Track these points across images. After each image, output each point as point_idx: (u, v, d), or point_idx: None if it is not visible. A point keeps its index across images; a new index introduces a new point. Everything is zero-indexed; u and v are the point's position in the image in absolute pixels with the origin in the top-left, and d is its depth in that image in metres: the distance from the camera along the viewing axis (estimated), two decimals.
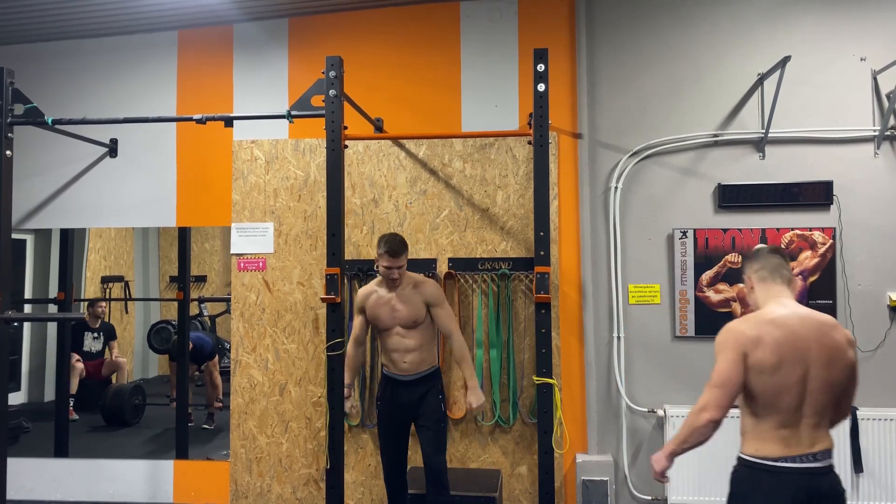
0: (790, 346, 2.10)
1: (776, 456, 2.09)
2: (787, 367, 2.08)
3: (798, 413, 2.10)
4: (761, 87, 4.05)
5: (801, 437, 2.10)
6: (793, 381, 2.09)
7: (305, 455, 4.18)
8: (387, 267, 3.29)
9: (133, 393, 6.04)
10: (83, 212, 4.51)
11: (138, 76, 4.50)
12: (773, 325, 2.13)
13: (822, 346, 2.12)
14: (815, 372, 2.10)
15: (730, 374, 2.11)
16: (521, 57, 4.19)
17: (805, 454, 2.09)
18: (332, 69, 3.36)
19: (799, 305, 2.24)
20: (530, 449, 4.01)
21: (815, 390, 2.10)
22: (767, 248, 2.35)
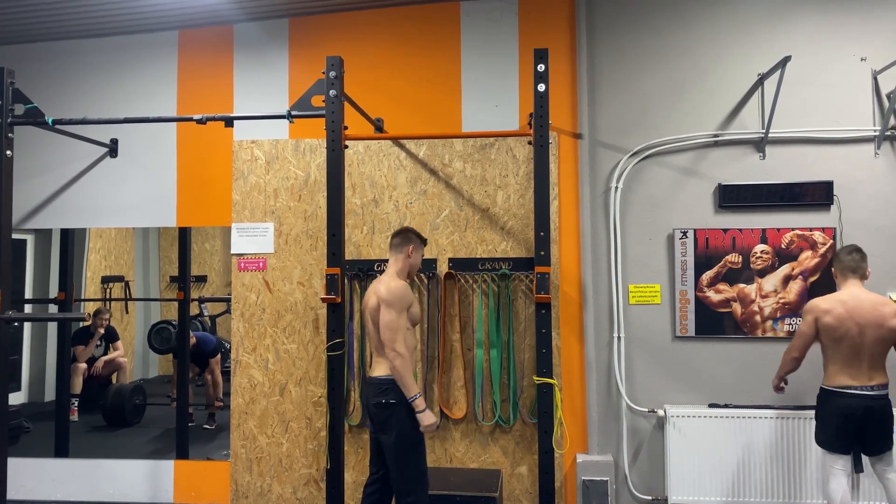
0: (848, 315, 3.24)
1: (844, 385, 3.24)
2: (844, 328, 3.23)
3: (858, 358, 3.23)
4: (761, 87, 4.05)
5: (861, 374, 3.23)
6: (851, 336, 3.22)
7: (306, 455, 4.18)
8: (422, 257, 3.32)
9: (134, 393, 6.04)
10: (83, 212, 4.51)
11: (138, 76, 4.50)
12: (839, 302, 3.29)
13: (873, 314, 3.24)
14: (868, 331, 3.21)
15: (806, 329, 3.34)
16: (522, 57, 4.19)
17: (864, 385, 3.22)
18: (332, 69, 3.36)
19: (863, 290, 3.33)
20: (530, 449, 4.01)
21: (868, 343, 3.22)
22: (847, 249, 3.39)
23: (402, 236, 3.27)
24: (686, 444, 3.86)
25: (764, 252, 4.00)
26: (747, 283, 4.01)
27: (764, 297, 4.00)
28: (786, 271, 3.99)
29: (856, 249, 3.38)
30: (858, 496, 3.75)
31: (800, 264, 3.99)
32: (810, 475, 3.79)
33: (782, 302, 3.98)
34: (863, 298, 3.29)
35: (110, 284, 6.66)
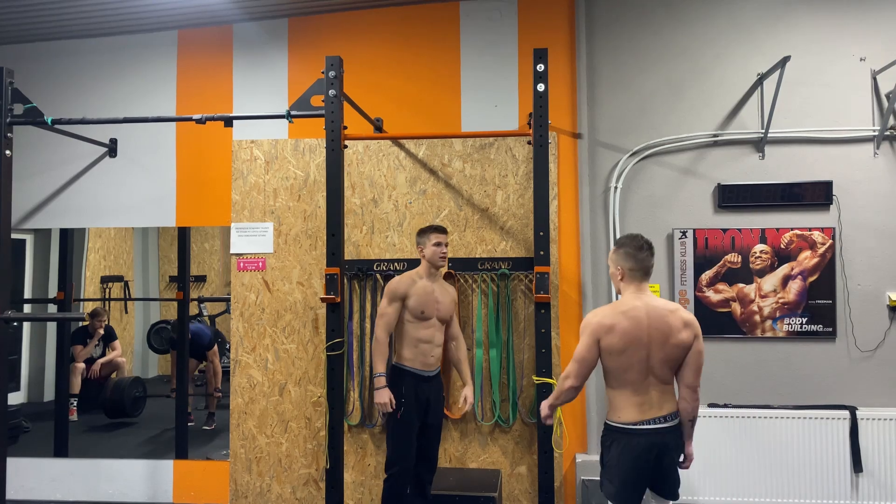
0: (640, 328, 2.54)
1: (635, 420, 2.56)
2: (632, 348, 2.53)
3: (644, 383, 2.56)
4: (761, 87, 4.06)
5: (656, 402, 2.57)
6: (636, 360, 2.54)
7: (305, 455, 4.18)
8: (437, 244, 3.42)
9: (133, 385, 6.03)
10: (83, 212, 4.51)
11: (138, 76, 4.50)
12: (624, 316, 2.56)
13: (661, 330, 2.54)
14: (654, 351, 2.54)
15: (585, 353, 2.58)
16: (521, 57, 4.20)
17: (656, 417, 2.56)
18: (331, 69, 3.36)
19: (652, 296, 2.63)
20: (530, 449, 4.02)
21: (656, 365, 2.55)
22: (636, 244, 2.62)
23: (417, 239, 3.53)
24: None
25: (763, 252, 4.01)
26: (746, 283, 4.02)
27: (763, 296, 4.00)
28: (785, 271, 4.00)
29: (645, 244, 2.63)
30: (858, 496, 3.76)
31: (799, 264, 3.99)
32: (809, 475, 3.79)
33: (781, 302, 3.99)
34: (651, 306, 2.57)
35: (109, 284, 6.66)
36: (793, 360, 3.98)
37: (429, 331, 3.40)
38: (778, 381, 3.98)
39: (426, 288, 3.42)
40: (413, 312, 3.37)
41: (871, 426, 3.78)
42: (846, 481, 3.76)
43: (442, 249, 3.44)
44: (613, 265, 2.67)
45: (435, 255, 3.43)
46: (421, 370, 3.39)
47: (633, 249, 2.62)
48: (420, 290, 3.40)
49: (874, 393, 3.91)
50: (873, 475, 3.76)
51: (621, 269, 2.64)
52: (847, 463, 3.77)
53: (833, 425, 3.80)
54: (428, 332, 3.39)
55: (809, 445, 3.80)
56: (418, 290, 3.40)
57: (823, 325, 3.96)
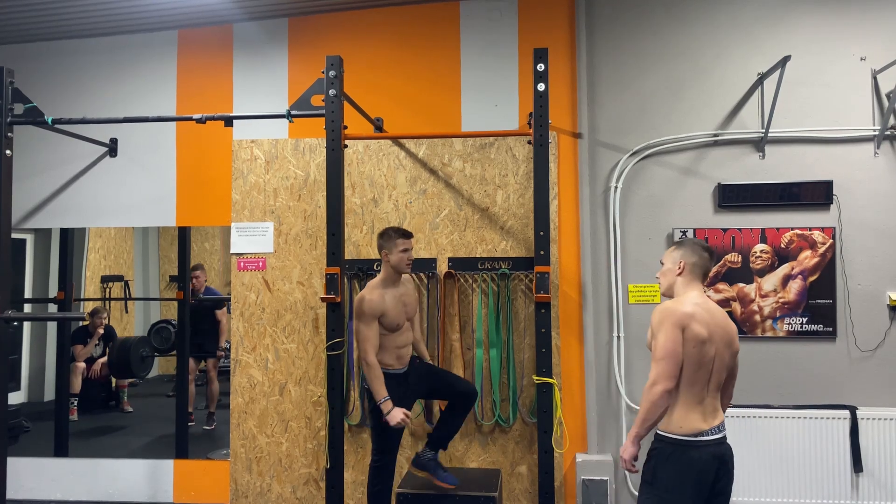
0: (713, 324, 2.38)
1: (699, 430, 2.33)
2: (710, 342, 2.35)
3: (707, 387, 2.37)
4: (761, 87, 4.06)
5: (711, 410, 2.38)
6: (710, 357, 2.36)
7: (305, 454, 4.19)
8: (405, 250, 3.36)
9: (140, 344, 5.98)
10: (83, 211, 4.51)
11: (138, 75, 4.50)
12: (700, 307, 2.40)
13: (726, 331, 2.41)
14: (720, 352, 2.38)
15: (674, 346, 2.33)
16: (521, 56, 4.20)
17: (715, 426, 2.37)
18: (331, 69, 3.36)
19: (709, 298, 2.52)
20: (530, 448, 4.02)
21: (718, 369, 2.39)
22: (702, 245, 2.54)
23: (378, 242, 3.43)
24: None
25: (763, 251, 4.01)
26: (747, 283, 4.02)
27: (763, 296, 4.00)
28: (785, 271, 4.00)
29: (709, 248, 2.55)
30: (858, 496, 3.76)
31: (799, 264, 3.99)
32: (810, 475, 3.79)
33: (782, 301, 3.99)
34: (714, 308, 2.45)
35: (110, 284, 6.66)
36: (793, 360, 3.98)
37: (404, 336, 3.41)
38: (778, 381, 3.98)
39: (395, 297, 3.36)
40: (389, 327, 3.32)
41: (871, 426, 3.78)
42: (846, 481, 3.76)
43: (409, 256, 3.37)
44: (671, 261, 2.51)
45: (401, 261, 3.35)
46: (400, 368, 3.41)
47: (699, 247, 2.52)
48: (391, 303, 3.33)
49: (874, 392, 3.91)
50: (873, 475, 3.76)
51: (682, 264, 2.48)
52: (847, 463, 3.77)
53: (833, 425, 3.80)
54: (403, 336, 3.40)
55: (810, 445, 3.80)
56: (390, 303, 3.32)
57: (824, 325, 3.96)
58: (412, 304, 3.49)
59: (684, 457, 2.31)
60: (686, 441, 2.32)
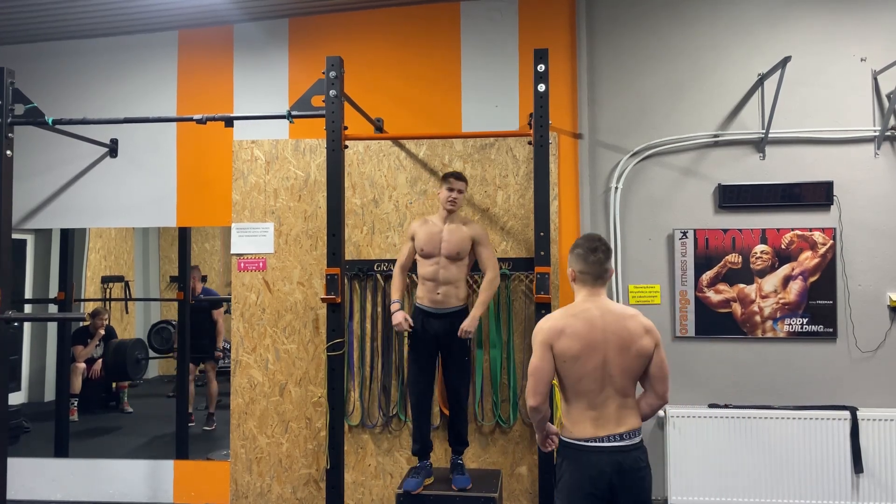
0: (595, 332, 2.33)
1: (587, 436, 2.33)
2: (586, 355, 2.31)
3: (599, 395, 2.33)
4: (761, 88, 4.06)
5: (613, 417, 2.33)
6: (591, 367, 2.32)
7: (305, 455, 4.19)
8: (450, 189, 3.52)
9: (135, 347, 5.99)
10: (83, 212, 4.52)
11: (138, 76, 4.51)
12: (576, 318, 2.35)
13: (619, 336, 2.33)
14: (611, 358, 2.32)
15: (538, 363, 2.35)
16: (522, 57, 4.20)
17: (612, 434, 2.33)
18: (332, 69, 3.37)
19: (608, 300, 2.42)
20: (530, 449, 4.02)
21: (613, 375, 2.33)
22: (591, 246, 2.40)
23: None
24: (686, 444, 3.86)
25: (764, 252, 4.01)
26: (747, 284, 4.02)
27: (764, 297, 4.00)
28: (786, 272, 4.00)
29: (601, 246, 2.41)
30: (858, 496, 3.76)
31: (800, 265, 3.99)
32: (810, 475, 3.79)
33: (782, 302, 3.99)
34: (606, 310, 2.37)
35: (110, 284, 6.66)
36: (793, 361, 3.98)
37: (431, 268, 3.51)
38: (778, 382, 3.98)
39: (434, 228, 3.56)
40: (418, 251, 3.56)
41: (871, 427, 3.78)
42: (847, 482, 3.77)
43: (452, 195, 3.53)
44: (568, 266, 2.48)
45: (445, 199, 3.55)
46: (429, 307, 3.51)
47: (584, 251, 2.40)
48: (427, 229, 3.56)
49: (875, 393, 3.91)
50: (874, 476, 3.76)
51: (572, 271, 2.44)
52: (848, 463, 3.77)
53: (834, 426, 3.80)
54: (430, 269, 3.51)
55: (810, 446, 3.80)
56: (426, 229, 3.56)
57: (824, 326, 3.96)
58: (453, 241, 3.50)
59: (578, 458, 2.34)
60: (578, 444, 2.34)
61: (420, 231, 3.58)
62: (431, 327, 3.51)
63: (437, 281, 3.50)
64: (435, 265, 3.51)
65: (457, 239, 3.52)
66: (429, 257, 3.53)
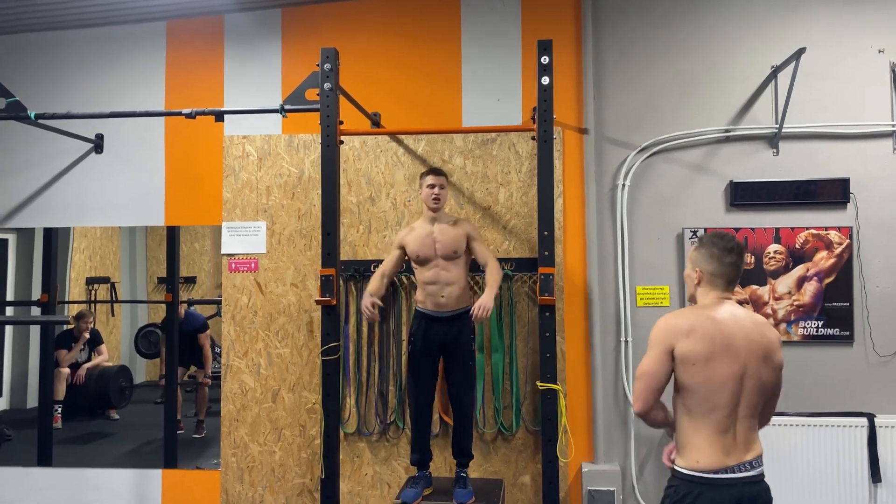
0: (731, 336, 2.11)
1: (717, 467, 2.08)
2: (720, 361, 2.08)
3: (733, 413, 2.10)
4: (775, 81, 4.06)
5: (743, 441, 2.11)
6: (726, 377, 2.08)
7: (299, 464, 4.20)
8: (430, 186, 3.54)
9: (119, 375, 6.03)
10: (67, 210, 4.52)
11: (125, 69, 4.51)
12: (708, 318, 2.15)
13: (758, 343, 2.13)
14: (751, 369, 2.11)
15: (651, 365, 2.16)
16: (525, 49, 4.21)
17: (742, 463, 2.10)
18: (327, 61, 3.37)
19: (738, 306, 2.24)
20: (534, 458, 4.03)
21: (750, 389, 2.10)
22: (723, 246, 2.23)
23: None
24: None
25: (777, 252, 4.02)
26: (760, 285, 4.02)
27: (777, 299, 4.01)
28: (800, 272, 4.00)
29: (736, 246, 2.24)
30: None
31: (815, 265, 4.00)
32: (825, 485, 3.79)
33: (796, 304, 4.00)
34: (739, 315, 2.18)
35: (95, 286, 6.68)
36: (808, 366, 3.98)
37: (431, 272, 3.51)
38: (793, 387, 3.98)
39: (424, 231, 3.56)
40: (413, 258, 3.57)
41: (890, 434, 3.79)
42: (864, 491, 3.77)
43: (434, 192, 3.54)
44: (690, 265, 2.29)
45: (427, 197, 3.56)
46: (433, 310, 3.53)
47: (719, 251, 2.21)
48: (417, 234, 3.56)
49: (893, 399, 3.92)
50: (892, 485, 3.77)
51: (699, 273, 2.25)
52: (865, 472, 3.77)
53: (850, 433, 3.81)
54: (430, 272, 3.52)
55: (825, 454, 3.81)
56: (415, 235, 3.56)
57: (840, 329, 3.96)
58: (445, 241, 3.51)
59: (705, 496, 2.06)
60: (704, 479, 2.08)
61: (409, 238, 3.58)
62: (435, 332, 3.52)
63: (439, 283, 3.51)
64: (434, 268, 3.52)
65: (450, 238, 3.53)
66: (426, 262, 3.53)
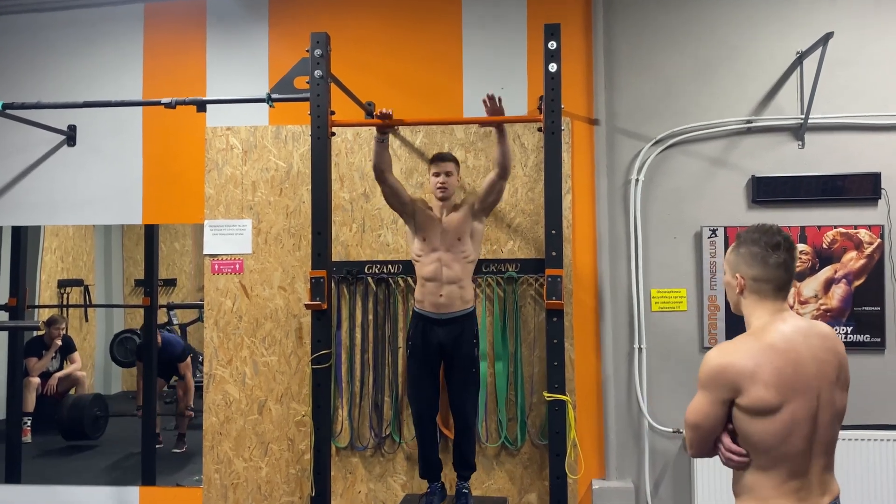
0: (795, 378, 1.83)
1: None
2: (792, 405, 1.81)
3: (808, 454, 1.86)
4: (800, 68, 4.06)
5: (817, 483, 1.88)
6: (799, 421, 1.82)
7: (288, 481, 4.18)
8: (435, 174, 3.58)
9: (94, 403, 6.02)
10: (37, 207, 4.50)
11: (100, 55, 4.50)
12: (775, 351, 1.85)
13: (830, 364, 1.89)
14: (825, 398, 1.86)
15: (700, 417, 1.92)
16: (531, 33, 4.20)
17: None
18: (317, 47, 3.36)
19: (798, 317, 1.98)
20: (540, 474, 4.01)
21: (825, 423, 1.87)
22: (768, 240, 1.98)
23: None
24: (715, 467, 3.85)
25: (803, 252, 4.01)
26: None
27: (803, 303, 4.00)
28: (827, 274, 3.99)
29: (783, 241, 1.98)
30: None
31: (843, 266, 3.99)
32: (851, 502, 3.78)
33: (823, 309, 3.99)
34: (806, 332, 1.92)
35: (68, 289, 6.66)
36: None
37: (431, 267, 3.51)
38: None
39: (434, 214, 3.61)
40: (417, 233, 3.58)
41: None
42: None
43: (439, 181, 3.56)
44: (729, 271, 2.03)
45: (434, 186, 3.60)
46: (431, 312, 3.54)
47: (763, 249, 1.94)
48: (428, 214, 3.62)
49: None
50: None
51: (741, 279, 1.97)
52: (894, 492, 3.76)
53: (881, 448, 3.79)
54: (430, 268, 3.51)
55: (855, 470, 3.79)
56: (427, 212, 3.62)
57: (871, 335, 3.96)
58: (451, 230, 3.54)
59: None
60: None
61: (420, 209, 3.63)
62: (434, 335, 3.52)
63: (439, 280, 3.51)
64: (436, 262, 3.51)
65: (455, 224, 3.56)
66: (427, 249, 3.54)
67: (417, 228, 3.60)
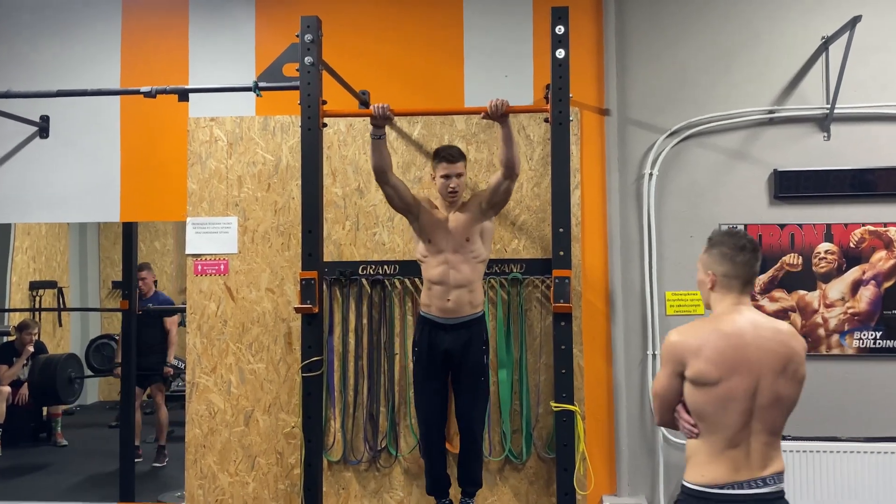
0: (735, 357, 2.24)
1: (723, 482, 2.22)
2: (730, 381, 2.22)
3: (745, 429, 2.24)
4: (826, 54, 4.06)
5: (758, 458, 2.24)
6: (737, 396, 2.22)
7: (276, 497, 4.19)
8: (444, 176, 3.51)
9: (67, 364, 5.99)
10: (7, 204, 4.51)
11: (75, 40, 4.50)
12: (720, 333, 2.28)
13: (777, 354, 2.27)
14: (765, 384, 2.24)
15: (661, 387, 2.37)
16: (537, 16, 4.20)
17: (754, 479, 2.23)
18: (308, 32, 3.36)
19: (757, 312, 2.37)
20: (547, 490, 4.02)
21: (764, 405, 2.24)
22: (735, 244, 2.36)
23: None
24: None
25: (829, 252, 4.01)
26: (808, 290, 4.02)
27: (829, 306, 4.00)
28: (855, 275, 4.00)
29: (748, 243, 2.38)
30: None
31: (872, 267, 3.99)
32: None
33: (851, 312, 3.99)
34: (759, 324, 2.31)
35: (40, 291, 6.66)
36: (865, 383, 3.98)
37: (439, 269, 3.51)
38: (847, 409, 3.98)
39: (440, 215, 3.58)
40: (421, 234, 3.57)
41: None
42: None
43: (450, 184, 3.51)
44: (702, 269, 2.42)
45: (443, 188, 3.54)
46: (438, 317, 3.53)
47: (731, 250, 2.34)
48: (433, 214, 3.58)
49: None
50: None
51: (712, 276, 2.37)
52: None
53: None
54: (438, 270, 3.51)
55: (884, 485, 3.80)
56: (432, 213, 3.58)
57: None
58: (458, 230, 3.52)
59: None
60: (707, 494, 2.23)
61: (425, 210, 3.59)
62: (441, 341, 3.52)
63: (446, 284, 3.50)
64: (443, 265, 3.51)
65: (462, 225, 3.55)
66: (433, 250, 3.53)
67: (422, 230, 3.59)
